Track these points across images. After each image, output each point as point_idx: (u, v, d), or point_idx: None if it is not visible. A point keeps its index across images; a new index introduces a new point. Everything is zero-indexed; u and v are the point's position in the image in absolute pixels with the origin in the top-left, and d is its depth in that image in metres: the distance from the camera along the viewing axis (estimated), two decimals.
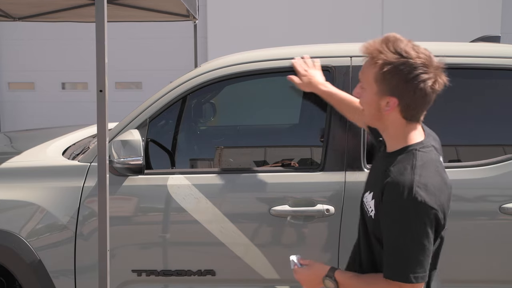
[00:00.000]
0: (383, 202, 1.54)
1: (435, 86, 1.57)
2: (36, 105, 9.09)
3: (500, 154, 2.36)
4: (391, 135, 1.64)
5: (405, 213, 1.49)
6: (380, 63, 1.56)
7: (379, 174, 1.61)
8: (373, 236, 1.64)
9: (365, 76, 1.61)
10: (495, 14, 8.16)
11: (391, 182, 1.52)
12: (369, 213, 1.63)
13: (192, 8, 4.66)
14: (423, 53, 1.57)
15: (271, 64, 2.48)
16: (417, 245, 1.49)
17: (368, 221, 1.65)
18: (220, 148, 2.80)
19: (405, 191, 1.49)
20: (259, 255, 2.34)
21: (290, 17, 8.33)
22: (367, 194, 1.67)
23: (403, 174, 1.52)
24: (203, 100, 3.16)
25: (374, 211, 1.60)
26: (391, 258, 1.53)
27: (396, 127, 1.62)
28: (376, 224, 1.59)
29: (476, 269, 2.33)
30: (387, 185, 1.53)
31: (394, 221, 1.51)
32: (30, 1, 4.52)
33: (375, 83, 1.58)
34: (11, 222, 2.40)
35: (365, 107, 1.64)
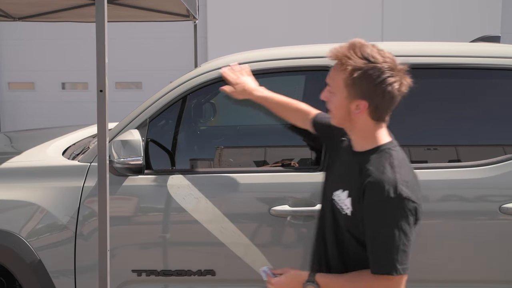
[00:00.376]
0: (366, 200, 1.60)
1: (402, 88, 1.66)
2: (36, 105, 9.09)
3: (500, 154, 2.36)
4: (361, 136, 1.72)
5: (392, 209, 1.57)
6: (350, 69, 1.63)
7: (352, 172, 1.68)
8: (349, 233, 1.70)
9: (334, 81, 1.68)
10: (495, 14, 8.16)
11: (374, 182, 1.59)
12: (344, 211, 1.68)
13: (192, 8, 4.66)
14: (388, 57, 1.65)
15: (271, 64, 2.48)
16: (403, 238, 1.57)
17: (343, 219, 1.70)
18: (220, 148, 2.80)
19: (391, 189, 1.57)
20: (259, 255, 2.34)
21: (290, 17, 8.34)
22: (339, 193, 1.72)
23: (384, 173, 1.60)
24: (203, 100, 3.16)
25: (351, 209, 1.66)
26: (379, 252, 1.59)
27: (365, 128, 1.70)
28: (354, 222, 1.66)
29: (476, 269, 2.33)
30: (369, 185, 1.59)
31: (381, 218, 1.58)
32: (30, 1, 4.52)
33: (345, 87, 1.65)
34: (11, 222, 2.40)
35: (334, 110, 1.72)
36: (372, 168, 1.62)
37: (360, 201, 1.63)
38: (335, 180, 1.79)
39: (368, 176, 1.61)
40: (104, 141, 2.14)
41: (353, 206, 1.66)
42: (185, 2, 4.15)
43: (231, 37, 8.24)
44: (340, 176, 1.77)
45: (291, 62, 2.48)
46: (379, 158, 1.65)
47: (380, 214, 1.58)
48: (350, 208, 1.66)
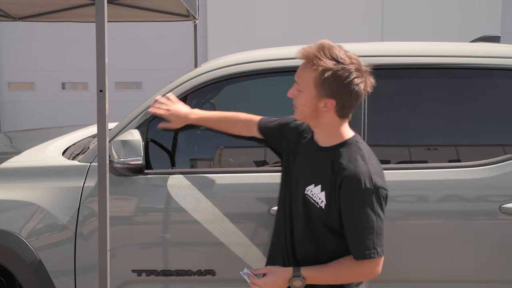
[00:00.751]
0: (345, 193, 1.72)
1: (366, 88, 1.77)
2: (36, 105, 9.09)
3: (500, 154, 2.36)
4: (327, 132, 1.82)
5: (369, 198, 1.71)
6: (321, 70, 1.71)
7: (323, 167, 1.78)
8: (323, 225, 1.79)
9: (303, 80, 1.76)
10: (495, 14, 8.16)
11: (350, 175, 1.71)
12: (318, 204, 1.78)
13: (192, 8, 4.66)
14: (355, 59, 1.74)
15: (271, 64, 2.48)
16: (380, 223, 1.74)
17: (317, 212, 1.79)
18: (220, 148, 2.80)
19: (367, 180, 1.71)
20: (259, 255, 2.34)
21: (290, 17, 8.33)
22: (312, 188, 1.79)
23: (357, 166, 1.73)
24: (203, 100, 3.16)
25: (325, 202, 1.76)
26: (360, 239, 1.73)
27: (331, 124, 1.81)
28: (329, 213, 1.77)
29: (476, 269, 2.33)
30: (346, 178, 1.71)
31: (360, 207, 1.71)
32: (30, 1, 4.52)
33: (314, 87, 1.74)
34: (11, 222, 2.40)
35: (300, 107, 1.80)
36: (345, 162, 1.74)
37: (335, 194, 1.74)
38: (304, 176, 1.85)
39: (344, 170, 1.73)
40: (104, 141, 2.14)
41: (327, 199, 1.77)
42: (185, 2, 4.15)
43: (231, 37, 8.24)
44: (310, 172, 1.84)
45: (291, 62, 2.48)
46: (349, 151, 1.78)
47: (359, 204, 1.71)
48: (324, 202, 1.77)
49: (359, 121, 2.31)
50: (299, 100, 1.79)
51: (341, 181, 1.73)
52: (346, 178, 1.72)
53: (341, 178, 1.73)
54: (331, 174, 1.76)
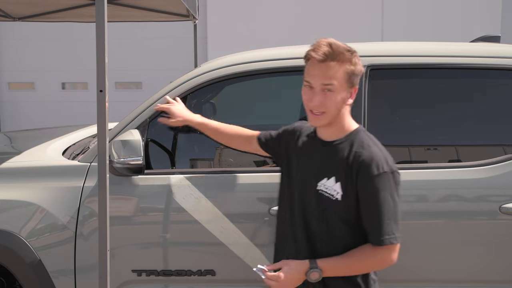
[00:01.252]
0: (363, 178, 1.73)
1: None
2: (36, 105, 9.08)
3: (500, 154, 2.36)
4: (339, 124, 1.83)
5: (387, 182, 1.73)
6: (353, 62, 1.75)
7: (336, 159, 1.79)
8: (339, 219, 1.79)
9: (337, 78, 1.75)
10: (495, 14, 8.16)
11: (367, 160, 1.73)
12: (334, 196, 1.78)
13: (192, 8, 4.66)
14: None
15: (271, 64, 2.48)
16: (397, 208, 1.75)
17: (333, 205, 1.78)
18: (220, 148, 2.80)
19: (384, 164, 1.73)
20: (259, 255, 2.34)
21: (290, 17, 8.33)
22: (325, 181, 1.79)
23: (371, 151, 1.75)
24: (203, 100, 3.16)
25: (341, 193, 1.77)
26: (379, 224, 1.73)
27: (344, 115, 1.83)
28: (346, 205, 1.77)
29: (476, 269, 2.33)
30: (363, 163, 1.73)
31: (378, 191, 1.72)
32: (30, 1, 4.52)
33: (346, 82, 1.76)
34: (11, 222, 2.40)
35: (332, 108, 1.77)
36: (359, 149, 1.76)
37: (352, 182, 1.75)
38: (312, 173, 1.85)
39: (359, 156, 1.74)
40: (104, 141, 2.14)
41: (343, 189, 1.76)
42: (185, 2, 4.15)
43: (231, 37, 8.23)
44: (320, 167, 1.83)
45: (291, 62, 2.48)
46: (360, 139, 1.80)
47: (377, 188, 1.72)
48: (341, 192, 1.77)
49: (359, 121, 2.31)
50: (331, 101, 1.75)
51: (358, 167, 1.74)
52: (363, 164, 1.73)
53: (357, 164, 1.74)
54: (345, 163, 1.77)
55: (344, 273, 1.80)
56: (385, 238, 1.73)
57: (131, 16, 5.11)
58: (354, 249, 1.79)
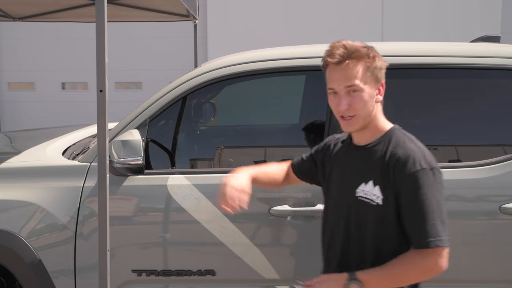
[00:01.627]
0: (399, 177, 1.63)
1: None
2: (36, 105, 9.08)
3: (500, 154, 2.36)
4: (374, 126, 1.75)
5: (426, 179, 1.62)
6: (367, 54, 1.69)
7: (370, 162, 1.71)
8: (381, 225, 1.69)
9: (362, 75, 1.69)
10: (495, 14, 8.16)
11: (403, 157, 1.64)
12: (374, 201, 1.68)
13: (192, 8, 4.66)
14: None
15: (271, 64, 2.48)
16: (440, 207, 1.64)
17: (375, 211, 1.69)
18: (220, 148, 2.80)
19: (421, 160, 1.64)
20: (259, 255, 2.34)
21: (290, 17, 8.33)
22: (363, 187, 1.71)
23: (407, 148, 1.67)
24: (203, 100, 3.16)
25: (381, 197, 1.67)
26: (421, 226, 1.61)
27: (378, 116, 1.76)
28: (387, 209, 1.67)
29: (476, 269, 2.33)
30: (398, 161, 1.64)
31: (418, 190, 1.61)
32: (30, 1, 4.52)
33: (369, 75, 1.70)
34: (11, 222, 2.40)
35: (363, 108, 1.70)
36: (395, 148, 1.68)
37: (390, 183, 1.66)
38: (349, 181, 1.77)
39: (395, 155, 1.66)
40: (104, 141, 2.14)
41: (382, 192, 1.68)
42: (185, 2, 4.15)
43: (231, 37, 8.23)
44: (356, 173, 1.75)
45: (291, 62, 2.48)
46: (395, 138, 1.72)
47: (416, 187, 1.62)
48: (381, 196, 1.68)
49: None
50: (359, 101, 1.68)
51: (394, 166, 1.65)
52: (399, 161, 1.65)
53: (393, 163, 1.66)
54: (380, 164, 1.69)
55: (389, 285, 1.67)
56: (429, 240, 1.60)
57: (131, 16, 5.11)
58: (397, 258, 1.67)
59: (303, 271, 2.36)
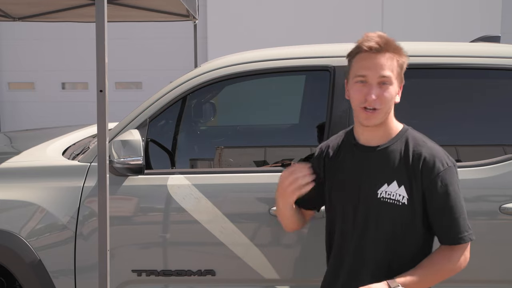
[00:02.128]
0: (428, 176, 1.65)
1: None
2: (36, 105, 9.08)
3: (500, 154, 2.36)
4: (389, 126, 1.75)
5: (452, 176, 1.68)
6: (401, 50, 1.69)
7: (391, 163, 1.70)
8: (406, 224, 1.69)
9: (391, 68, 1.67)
10: (495, 14, 8.16)
11: (429, 157, 1.67)
12: (400, 202, 1.68)
13: (192, 8, 4.66)
14: None
15: (271, 64, 2.48)
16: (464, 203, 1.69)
17: (399, 211, 1.68)
18: (220, 148, 2.80)
19: (446, 159, 1.69)
20: (259, 255, 2.34)
21: (290, 17, 8.33)
22: (385, 188, 1.69)
23: (429, 147, 1.69)
24: (203, 100, 3.16)
25: (407, 197, 1.67)
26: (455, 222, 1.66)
27: (392, 115, 1.76)
28: (413, 209, 1.67)
29: (476, 269, 2.32)
30: (426, 161, 1.66)
31: (447, 187, 1.65)
32: (30, 1, 4.52)
33: (399, 73, 1.70)
34: (11, 222, 2.40)
35: (386, 103, 1.69)
36: (417, 148, 1.69)
37: (417, 183, 1.66)
38: (371, 182, 1.73)
39: (420, 155, 1.67)
40: (104, 141, 2.14)
41: (408, 193, 1.68)
42: (184, 2, 4.15)
43: (231, 37, 8.23)
44: (377, 174, 1.72)
45: (291, 62, 2.48)
46: (412, 137, 1.74)
47: (446, 185, 1.65)
48: (406, 196, 1.68)
49: None
50: (388, 94, 1.68)
51: (421, 166, 1.66)
52: (426, 162, 1.67)
53: (420, 163, 1.67)
54: (404, 164, 1.69)
55: (424, 286, 1.68)
56: (464, 235, 1.67)
57: (131, 16, 5.11)
58: (427, 258, 1.69)
59: (303, 271, 2.36)
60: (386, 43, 1.66)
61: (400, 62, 1.70)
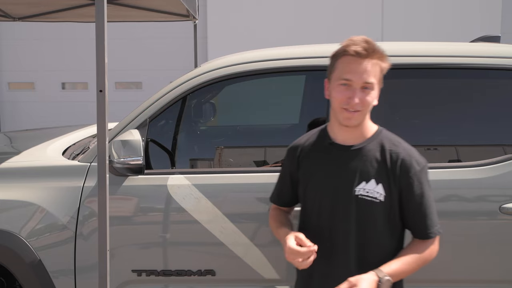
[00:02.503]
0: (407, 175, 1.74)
1: None
2: (36, 105, 9.09)
3: (500, 154, 2.36)
4: (365, 126, 1.81)
5: (425, 176, 1.78)
6: (384, 56, 1.74)
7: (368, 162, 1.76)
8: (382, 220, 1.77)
9: (377, 74, 1.73)
10: (495, 14, 8.16)
11: (406, 157, 1.76)
12: (377, 199, 1.75)
13: (192, 8, 4.66)
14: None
15: (271, 64, 2.48)
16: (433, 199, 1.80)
17: (377, 207, 1.76)
18: (220, 148, 2.80)
19: (420, 159, 1.78)
20: (259, 255, 2.34)
21: (290, 17, 8.33)
22: (363, 186, 1.76)
23: (405, 148, 1.79)
24: (203, 100, 3.16)
25: (384, 194, 1.75)
26: (429, 218, 1.77)
27: (368, 116, 1.81)
28: (390, 205, 1.76)
29: (476, 269, 2.33)
30: (404, 161, 1.75)
31: (422, 186, 1.76)
32: (30, 1, 4.51)
33: (380, 78, 1.75)
34: (11, 222, 2.40)
35: (367, 107, 1.75)
36: (394, 148, 1.78)
37: (395, 181, 1.75)
38: (348, 180, 1.77)
39: (398, 155, 1.76)
40: (104, 141, 2.14)
41: (386, 190, 1.75)
42: (184, 2, 4.15)
43: (231, 37, 8.24)
44: (354, 172, 1.77)
45: (291, 62, 2.48)
46: (387, 138, 1.82)
47: (421, 183, 1.76)
48: (383, 194, 1.75)
49: None
50: (370, 99, 1.73)
51: (400, 166, 1.75)
52: (404, 162, 1.75)
53: (398, 163, 1.75)
54: (382, 163, 1.76)
55: (403, 276, 1.77)
56: (434, 229, 1.77)
57: (131, 16, 5.11)
58: (404, 249, 1.79)
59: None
60: (372, 49, 1.70)
61: (383, 68, 1.75)
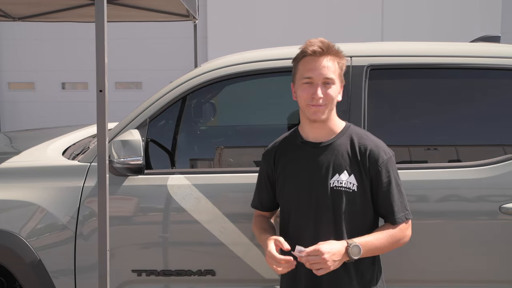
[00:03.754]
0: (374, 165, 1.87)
1: None
2: (36, 105, 9.08)
3: (500, 154, 2.36)
4: (333, 123, 1.93)
5: (393, 165, 1.91)
6: (340, 54, 1.88)
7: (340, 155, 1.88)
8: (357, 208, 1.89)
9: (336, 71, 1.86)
10: (495, 14, 8.16)
11: (374, 149, 1.88)
12: (351, 189, 1.87)
13: (192, 8, 4.66)
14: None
15: (271, 64, 2.48)
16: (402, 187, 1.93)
17: (351, 197, 1.87)
18: (220, 148, 2.80)
19: (387, 149, 1.91)
20: (259, 255, 2.34)
21: (290, 17, 8.33)
22: (336, 178, 1.87)
23: (372, 140, 1.91)
24: (203, 100, 3.16)
25: (357, 184, 1.88)
26: (398, 204, 1.88)
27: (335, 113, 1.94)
28: (363, 194, 1.88)
29: (476, 269, 2.33)
30: (372, 153, 1.87)
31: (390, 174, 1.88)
32: (30, 1, 4.51)
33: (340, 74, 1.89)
34: (11, 222, 2.40)
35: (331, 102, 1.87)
36: (362, 141, 1.90)
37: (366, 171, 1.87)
38: (322, 174, 1.89)
39: (366, 147, 1.89)
40: (104, 141, 2.14)
41: (358, 180, 1.88)
42: (184, 2, 4.15)
43: (231, 37, 8.23)
44: (327, 166, 1.89)
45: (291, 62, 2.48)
46: (355, 132, 1.94)
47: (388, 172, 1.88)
48: (356, 184, 1.88)
49: (359, 121, 2.31)
50: (333, 92, 1.86)
51: (368, 157, 1.87)
52: (372, 153, 1.88)
53: (367, 154, 1.87)
54: (352, 156, 1.89)
55: (375, 252, 1.88)
56: (403, 214, 1.88)
57: (131, 16, 5.10)
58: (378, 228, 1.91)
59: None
60: (327, 47, 1.84)
61: (341, 64, 1.88)
